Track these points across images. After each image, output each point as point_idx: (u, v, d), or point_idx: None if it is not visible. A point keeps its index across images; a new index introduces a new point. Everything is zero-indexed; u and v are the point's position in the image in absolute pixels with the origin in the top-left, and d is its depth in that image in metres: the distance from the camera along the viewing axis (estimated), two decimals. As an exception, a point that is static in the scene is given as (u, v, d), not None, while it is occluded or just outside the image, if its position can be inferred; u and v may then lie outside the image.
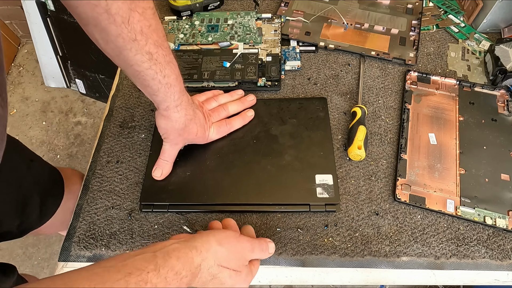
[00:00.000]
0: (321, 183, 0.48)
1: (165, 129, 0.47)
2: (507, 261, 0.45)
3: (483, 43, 0.64)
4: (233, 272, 0.38)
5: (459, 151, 0.52)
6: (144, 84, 0.42)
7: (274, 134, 0.53)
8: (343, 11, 0.67)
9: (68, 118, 1.52)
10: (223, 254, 0.37)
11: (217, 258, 0.37)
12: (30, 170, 0.57)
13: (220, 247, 0.37)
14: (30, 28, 1.34)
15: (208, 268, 0.36)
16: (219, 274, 0.37)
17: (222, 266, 0.37)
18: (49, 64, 1.45)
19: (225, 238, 0.38)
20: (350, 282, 0.46)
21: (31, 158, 0.59)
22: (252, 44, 0.62)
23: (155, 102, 0.45)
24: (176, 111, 0.45)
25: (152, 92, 0.43)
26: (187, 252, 0.34)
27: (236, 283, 0.38)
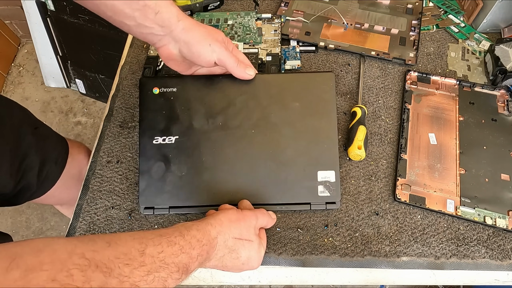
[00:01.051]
0: (323, 180, 0.47)
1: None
2: (507, 261, 0.45)
3: (483, 43, 0.64)
4: (246, 242, 0.41)
5: (459, 151, 0.52)
6: (140, 5, 0.41)
7: (274, 122, 0.49)
8: (343, 11, 0.67)
9: (68, 118, 1.52)
10: (234, 227, 0.41)
11: (230, 231, 0.40)
12: (33, 135, 0.58)
13: (230, 222, 0.41)
14: (30, 28, 1.34)
15: (224, 241, 0.39)
16: (234, 246, 0.40)
17: (236, 238, 0.40)
18: (49, 64, 1.45)
19: (233, 214, 0.42)
20: (350, 282, 0.46)
21: (36, 125, 0.61)
22: (252, 44, 0.62)
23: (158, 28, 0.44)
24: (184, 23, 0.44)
25: (152, 10, 0.42)
26: (204, 226, 0.38)
27: (251, 253, 0.41)
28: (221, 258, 0.40)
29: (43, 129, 0.62)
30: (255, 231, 0.43)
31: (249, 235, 0.42)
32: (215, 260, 0.39)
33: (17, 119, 0.57)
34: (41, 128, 0.62)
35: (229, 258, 0.40)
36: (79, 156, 0.67)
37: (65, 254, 0.25)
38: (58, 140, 0.65)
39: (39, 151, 0.58)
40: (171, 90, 0.50)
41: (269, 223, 0.46)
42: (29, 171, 0.57)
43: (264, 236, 0.45)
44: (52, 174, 0.62)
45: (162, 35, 0.45)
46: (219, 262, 0.40)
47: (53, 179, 0.62)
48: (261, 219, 0.44)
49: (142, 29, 0.43)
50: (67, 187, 0.65)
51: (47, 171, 0.61)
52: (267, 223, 0.45)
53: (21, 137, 0.56)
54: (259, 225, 0.44)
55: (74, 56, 1.39)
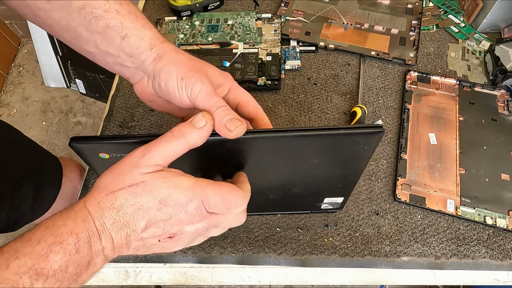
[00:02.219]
0: (329, 202, 0.44)
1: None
2: (507, 261, 0.45)
3: (483, 43, 0.64)
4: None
5: (459, 151, 0.52)
6: (101, 26, 0.32)
7: (283, 174, 0.36)
8: (343, 11, 0.67)
9: (68, 118, 1.52)
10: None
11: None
12: (26, 162, 0.56)
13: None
14: (30, 28, 1.35)
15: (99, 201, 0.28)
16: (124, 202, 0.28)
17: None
18: (49, 64, 1.45)
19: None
20: (350, 282, 0.46)
21: (30, 149, 0.59)
22: (252, 44, 0.62)
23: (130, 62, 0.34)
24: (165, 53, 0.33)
25: (117, 34, 0.33)
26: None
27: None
28: (116, 226, 0.27)
29: (36, 154, 0.60)
30: (141, 167, 0.28)
31: (132, 177, 0.28)
32: (115, 232, 0.27)
33: (11, 146, 0.55)
34: (34, 152, 0.59)
35: (123, 218, 0.27)
36: (72, 175, 0.66)
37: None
38: (51, 163, 0.63)
39: (32, 180, 0.57)
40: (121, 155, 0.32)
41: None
42: (23, 202, 0.55)
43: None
44: (47, 199, 0.61)
45: (133, 68, 0.35)
46: (119, 230, 0.27)
47: (48, 203, 0.61)
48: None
49: (107, 57, 0.35)
50: (63, 208, 0.64)
51: (41, 197, 0.59)
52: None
53: (14, 166, 0.54)
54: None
55: (74, 56, 1.39)
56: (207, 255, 0.46)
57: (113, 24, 0.32)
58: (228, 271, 0.46)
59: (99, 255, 0.27)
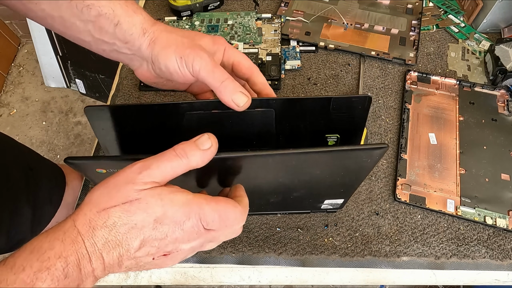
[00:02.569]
0: (329, 203, 0.44)
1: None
2: (507, 261, 0.45)
3: (483, 43, 0.64)
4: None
5: (459, 151, 0.52)
6: (93, 15, 0.33)
7: (283, 183, 0.36)
8: (343, 11, 0.67)
9: (68, 118, 1.52)
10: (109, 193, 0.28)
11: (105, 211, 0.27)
12: (26, 178, 0.54)
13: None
14: (30, 28, 1.34)
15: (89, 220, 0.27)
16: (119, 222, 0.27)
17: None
18: (49, 64, 1.45)
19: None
20: (350, 282, 0.46)
21: (31, 165, 0.57)
22: (252, 44, 0.62)
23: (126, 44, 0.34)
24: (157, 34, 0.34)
25: (109, 21, 0.33)
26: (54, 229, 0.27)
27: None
28: (108, 246, 0.25)
29: (37, 168, 0.57)
30: (137, 184, 0.27)
31: (127, 194, 0.26)
32: (106, 252, 0.25)
33: (9, 162, 0.53)
34: (34, 167, 0.57)
35: (116, 237, 0.25)
36: (74, 183, 0.64)
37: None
38: (53, 176, 0.61)
39: (31, 199, 0.55)
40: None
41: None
42: (22, 224, 0.54)
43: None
44: (46, 215, 0.59)
45: (130, 54, 0.35)
46: (111, 249, 0.26)
47: (47, 220, 0.60)
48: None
49: (102, 45, 0.35)
50: (63, 218, 0.63)
51: (40, 216, 0.58)
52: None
53: (12, 188, 0.52)
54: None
55: (74, 56, 1.39)
56: (207, 255, 0.46)
57: (105, 11, 0.32)
58: (228, 271, 0.46)
59: (89, 277, 0.25)
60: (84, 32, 0.34)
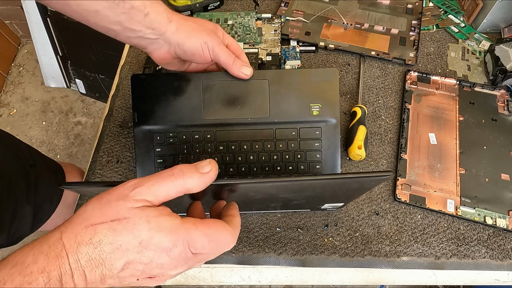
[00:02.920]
0: (328, 206, 0.45)
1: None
2: (507, 261, 0.45)
3: (483, 43, 0.64)
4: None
5: (459, 151, 0.52)
6: (126, 7, 0.38)
7: (282, 197, 0.39)
8: (343, 11, 0.67)
9: (68, 118, 1.52)
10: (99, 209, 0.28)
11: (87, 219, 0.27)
12: (26, 176, 0.55)
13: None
14: (30, 28, 1.34)
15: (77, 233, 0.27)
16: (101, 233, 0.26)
17: (102, 222, 0.26)
18: (49, 64, 1.45)
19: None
20: (350, 282, 0.46)
21: (31, 163, 0.57)
22: (252, 44, 0.62)
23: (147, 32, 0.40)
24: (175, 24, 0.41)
25: (140, 12, 0.39)
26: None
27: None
28: (93, 263, 0.25)
29: (37, 166, 0.58)
30: (129, 201, 0.26)
31: (117, 212, 0.26)
32: (89, 269, 0.25)
33: (9, 159, 0.54)
34: (34, 165, 0.58)
35: (101, 255, 0.25)
36: (76, 180, 0.65)
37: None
38: (53, 174, 0.62)
39: (32, 197, 0.56)
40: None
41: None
42: (23, 222, 0.55)
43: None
44: (46, 213, 0.60)
45: (154, 39, 0.41)
46: (97, 266, 0.25)
47: (47, 217, 0.61)
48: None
49: (129, 33, 0.40)
50: (63, 216, 0.63)
51: (41, 214, 0.59)
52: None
53: (13, 187, 0.53)
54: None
55: (74, 56, 1.39)
56: (207, 255, 0.46)
57: (137, 4, 0.38)
58: (228, 271, 0.46)
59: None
60: (115, 23, 0.39)
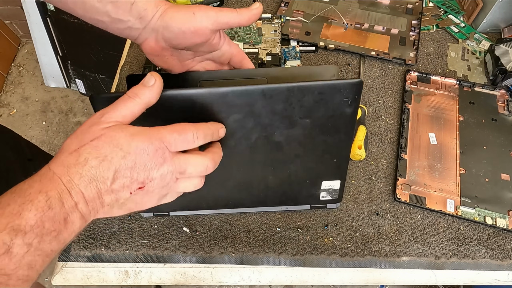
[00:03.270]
0: (326, 188, 0.45)
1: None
2: (507, 261, 0.45)
3: (483, 43, 0.64)
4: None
5: (459, 151, 0.52)
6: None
7: (277, 141, 0.40)
8: (343, 11, 0.67)
9: (68, 118, 1.52)
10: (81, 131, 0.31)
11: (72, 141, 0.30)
12: (25, 170, 0.55)
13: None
14: (30, 28, 1.34)
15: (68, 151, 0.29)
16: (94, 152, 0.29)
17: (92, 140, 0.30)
18: (49, 64, 1.45)
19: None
20: (350, 282, 0.46)
21: (29, 157, 0.58)
22: (252, 44, 0.62)
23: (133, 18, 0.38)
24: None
25: (127, 0, 0.37)
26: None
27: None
28: (86, 178, 0.27)
29: (35, 160, 0.58)
30: (103, 118, 0.30)
31: (93, 132, 0.30)
32: (85, 185, 0.27)
33: (8, 153, 0.54)
34: (33, 159, 0.58)
35: (93, 171, 0.28)
36: None
37: None
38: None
39: None
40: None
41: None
42: None
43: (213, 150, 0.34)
44: None
45: (141, 29, 0.39)
46: (91, 182, 0.28)
47: None
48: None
49: (118, 24, 0.38)
50: None
51: None
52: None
53: (11, 180, 0.51)
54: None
55: (74, 56, 1.39)
56: (207, 255, 0.46)
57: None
58: (228, 271, 0.46)
59: (74, 211, 0.27)
60: (103, 13, 0.37)
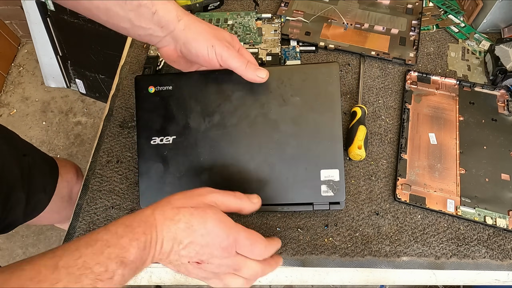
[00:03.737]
0: (326, 179, 0.45)
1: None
2: (507, 261, 0.45)
3: (483, 43, 0.64)
4: (194, 209, 0.36)
5: (459, 151, 0.52)
6: (134, 5, 0.39)
7: (273, 119, 0.46)
8: (343, 11, 0.67)
9: (68, 118, 1.52)
10: (175, 198, 0.37)
11: (170, 202, 0.36)
12: (19, 166, 0.56)
13: (169, 197, 0.37)
14: (30, 28, 1.34)
15: (163, 212, 0.35)
16: (180, 216, 0.35)
17: (179, 207, 0.35)
18: (49, 64, 1.45)
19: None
20: (350, 282, 0.46)
21: (24, 152, 0.58)
22: (252, 44, 0.62)
23: (156, 28, 0.41)
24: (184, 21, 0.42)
25: (149, 10, 0.39)
26: (138, 211, 0.36)
27: (210, 228, 0.35)
28: (170, 234, 0.34)
29: (30, 156, 0.59)
30: (206, 199, 0.37)
31: (197, 202, 0.36)
32: (167, 239, 0.34)
33: (3, 152, 0.54)
34: (28, 154, 0.59)
35: (177, 230, 0.34)
36: (68, 176, 0.65)
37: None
38: (46, 165, 0.63)
39: (26, 185, 0.56)
40: (166, 89, 0.48)
41: (241, 205, 0.39)
42: (15, 208, 0.55)
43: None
44: (40, 203, 0.61)
45: (162, 36, 0.42)
46: (172, 239, 0.34)
47: (41, 207, 0.61)
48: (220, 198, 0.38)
49: (139, 30, 0.41)
50: (58, 210, 0.63)
51: (34, 202, 0.59)
52: (234, 204, 0.39)
53: (5, 173, 0.53)
54: (213, 199, 0.38)
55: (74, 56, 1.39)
56: (207, 255, 0.46)
57: (145, 2, 0.39)
58: (228, 271, 0.46)
59: (151, 255, 0.33)
60: (125, 20, 0.40)
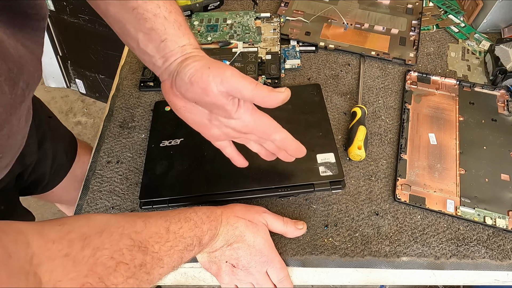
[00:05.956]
0: (323, 161, 0.48)
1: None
2: (507, 261, 0.45)
3: (483, 43, 0.64)
4: (249, 222, 0.42)
5: (459, 151, 0.52)
6: (147, 27, 0.36)
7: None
8: (343, 11, 0.67)
9: (68, 118, 1.52)
10: (238, 209, 0.44)
11: (233, 211, 0.43)
12: (47, 123, 0.58)
13: (234, 206, 0.45)
14: (30, 28, 1.34)
15: (227, 218, 0.42)
16: (237, 223, 0.42)
17: (238, 216, 0.42)
18: (49, 64, 1.45)
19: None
20: (350, 282, 0.46)
21: (49, 115, 0.61)
22: (252, 43, 0.62)
23: (167, 55, 0.37)
24: (197, 53, 0.38)
25: (158, 37, 0.36)
26: (212, 207, 0.42)
27: (256, 237, 0.42)
28: (226, 235, 0.41)
29: (55, 120, 0.63)
30: (260, 217, 0.44)
31: (253, 218, 0.43)
32: (222, 238, 0.41)
33: (35, 106, 0.56)
34: (53, 118, 0.62)
35: (232, 234, 0.41)
36: (84, 157, 0.67)
37: (118, 235, 0.30)
38: (67, 133, 0.66)
39: (52, 141, 0.58)
40: None
41: (285, 230, 0.45)
42: (44, 160, 0.57)
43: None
44: (63, 167, 0.63)
45: (162, 69, 0.38)
46: (225, 240, 0.41)
47: (64, 172, 0.63)
48: (273, 221, 0.44)
49: (143, 56, 0.39)
50: (70, 188, 0.65)
51: (58, 163, 0.61)
52: (282, 228, 0.45)
53: (39, 123, 0.55)
54: (269, 220, 0.44)
55: (74, 56, 1.39)
56: (207, 255, 0.46)
57: (158, 27, 0.36)
58: (228, 271, 0.46)
59: (209, 245, 0.40)
60: (133, 40, 0.38)
